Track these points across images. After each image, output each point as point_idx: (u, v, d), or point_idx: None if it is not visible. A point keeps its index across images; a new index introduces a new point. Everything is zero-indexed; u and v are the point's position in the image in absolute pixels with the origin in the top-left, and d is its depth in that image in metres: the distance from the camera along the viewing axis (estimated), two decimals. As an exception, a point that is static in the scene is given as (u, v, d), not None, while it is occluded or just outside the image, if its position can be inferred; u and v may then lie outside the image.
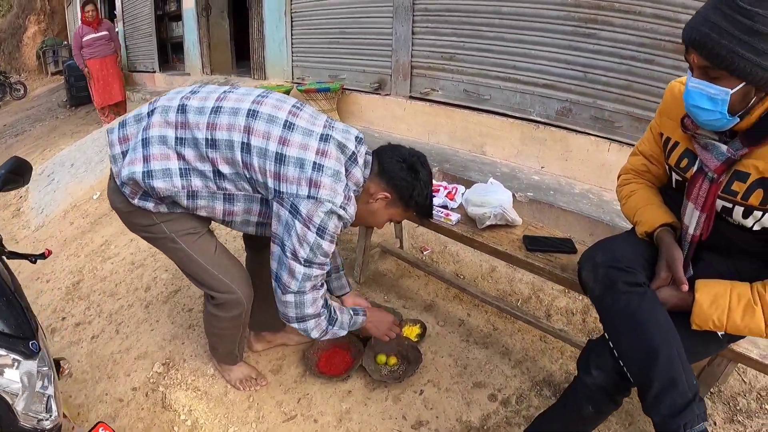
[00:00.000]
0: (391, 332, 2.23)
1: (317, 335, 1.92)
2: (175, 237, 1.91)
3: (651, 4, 3.54)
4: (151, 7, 9.99)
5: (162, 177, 1.72)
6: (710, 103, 1.39)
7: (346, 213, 1.71)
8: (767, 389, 2.37)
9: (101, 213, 4.38)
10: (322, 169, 1.66)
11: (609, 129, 3.92)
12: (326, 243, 1.71)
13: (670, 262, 1.60)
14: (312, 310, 1.84)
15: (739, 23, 1.26)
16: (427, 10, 4.89)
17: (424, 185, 1.85)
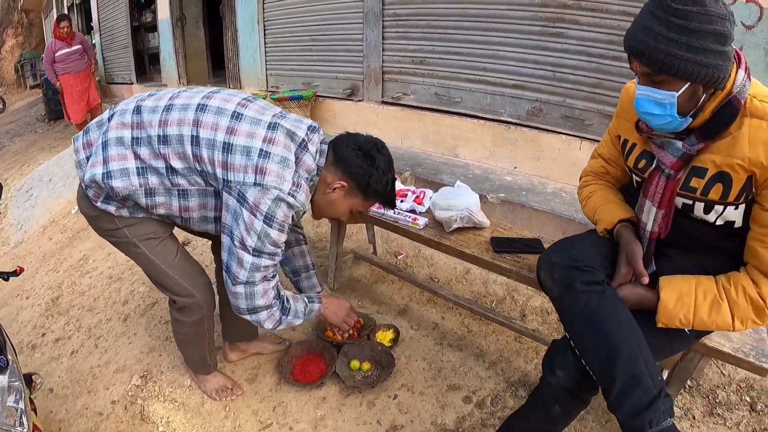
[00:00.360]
0: (349, 318, 2.24)
1: (271, 326, 1.90)
2: (136, 242, 1.93)
3: (617, 1, 3.57)
4: (127, 18, 9.96)
5: (120, 177, 1.73)
6: (659, 108, 1.40)
7: (295, 200, 1.68)
8: (747, 381, 2.39)
9: (79, 227, 4.35)
10: (268, 156, 1.65)
11: (579, 127, 3.95)
12: (274, 231, 1.69)
13: (629, 256, 1.61)
14: (263, 302, 1.82)
15: (674, 25, 1.27)
16: (397, 16, 4.92)
17: (382, 172, 1.82)
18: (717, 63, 1.30)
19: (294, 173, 1.69)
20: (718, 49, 1.29)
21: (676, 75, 1.32)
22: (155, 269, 1.99)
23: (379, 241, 3.28)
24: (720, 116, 1.40)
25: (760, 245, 1.43)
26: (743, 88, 1.38)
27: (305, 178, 1.76)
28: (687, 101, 1.38)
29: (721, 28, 1.27)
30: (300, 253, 2.32)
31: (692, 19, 1.26)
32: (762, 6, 2.98)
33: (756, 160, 1.36)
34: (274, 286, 1.85)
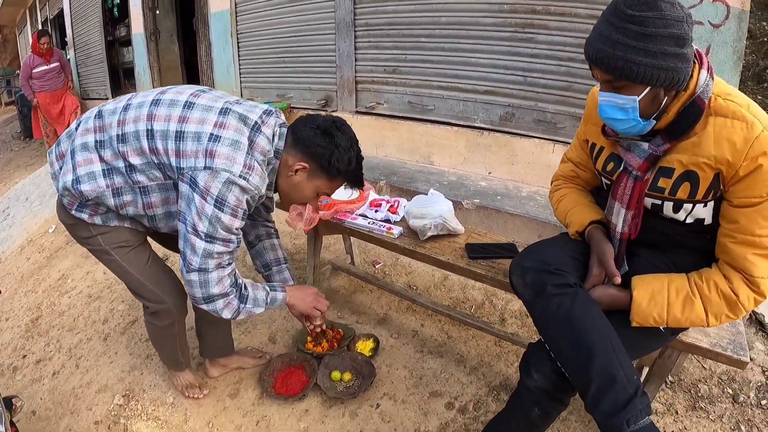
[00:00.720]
0: (318, 304, 2.14)
1: (229, 315, 1.85)
2: (109, 249, 1.95)
3: (585, 5, 3.62)
4: (101, 33, 9.87)
5: (87, 180, 1.75)
6: (622, 112, 1.42)
7: (248, 183, 1.64)
8: (728, 373, 2.42)
9: (57, 246, 4.30)
10: (219, 139, 1.64)
11: (552, 130, 3.99)
12: (226, 216, 1.66)
13: (601, 257, 1.62)
14: (218, 290, 1.77)
15: (631, 31, 1.29)
16: (368, 25, 4.93)
17: (343, 150, 1.78)
18: (676, 66, 1.32)
19: (246, 155, 1.66)
20: (676, 51, 1.30)
21: (635, 80, 1.34)
22: (127, 276, 2.02)
23: (357, 251, 3.28)
24: (684, 116, 1.42)
25: (730, 241, 1.45)
26: (706, 87, 1.40)
27: (260, 161, 1.72)
28: (649, 104, 1.40)
29: (678, 31, 1.29)
30: (271, 247, 2.28)
31: (648, 24, 1.27)
32: (729, 5, 3.04)
33: (722, 157, 1.37)
34: (230, 274, 1.81)
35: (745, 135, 1.34)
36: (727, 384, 2.38)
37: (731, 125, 1.37)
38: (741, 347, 1.73)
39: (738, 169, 1.36)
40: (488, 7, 4.08)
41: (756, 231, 1.39)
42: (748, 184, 1.37)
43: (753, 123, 1.34)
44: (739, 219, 1.42)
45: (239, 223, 1.71)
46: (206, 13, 6.74)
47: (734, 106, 1.38)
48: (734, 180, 1.39)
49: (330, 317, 2.86)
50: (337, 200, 2.62)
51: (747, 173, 1.36)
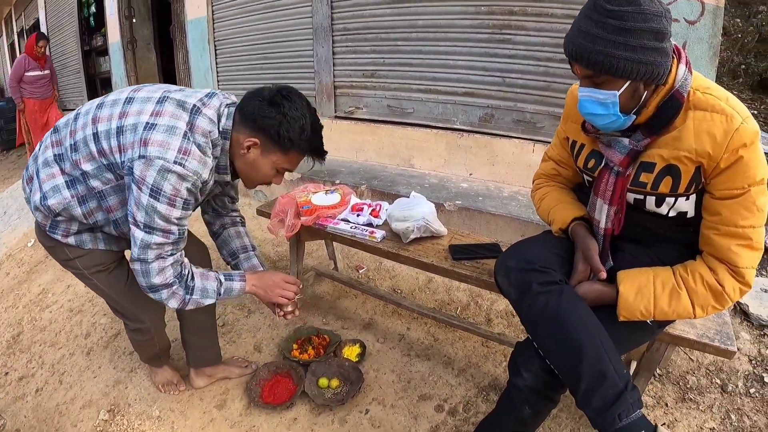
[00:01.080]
0: (286, 292, 2.02)
1: (176, 305, 1.79)
2: (87, 274, 1.96)
3: (562, 5, 3.65)
4: (78, 42, 9.75)
5: (53, 194, 1.75)
6: (602, 107, 1.43)
7: (184, 169, 1.58)
8: (715, 364, 2.45)
9: (37, 260, 4.23)
10: (154, 127, 1.60)
11: (531, 130, 4.00)
12: (162, 206, 1.60)
13: (585, 253, 1.63)
14: (159, 280, 1.71)
15: (610, 26, 1.30)
16: (346, 30, 4.92)
17: (292, 119, 1.67)
18: (655, 60, 1.33)
19: (183, 140, 1.60)
20: (655, 46, 1.32)
21: (615, 75, 1.35)
22: (107, 297, 2.09)
23: (340, 257, 3.27)
24: (664, 111, 1.43)
25: (713, 233, 1.46)
26: (685, 81, 1.41)
27: (201, 143, 1.65)
28: (629, 99, 1.41)
29: (657, 26, 1.30)
30: (236, 234, 2.22)
31: (627, 18, 1.29)
32: (704, 2, 3.09)
33: (702, 150, 1.39)
34: (174, 264, 1.74)
35: (724, 128, 1.36)
36: (715, 374, 2.40)
37: (711, 118, 1.39)
38: (728, 337, 1.75)
39: (719, 161, 1.38)
40: (465, 9, 4.09)
41: (739, 222, 1.41)
42: (729, 176, 1.39)
43: (732, 115, 1.36)
44: (721, 211, 1.43)
45: (178, 212, 1.65)
46: (183, 20, 6.69)
47: (713, 100, 1.40)
48: (715, 172, 1.40)
49: (315, 324, 2.84)
50: (318, 205, 2.61)
51: (728, 165, 1.37)
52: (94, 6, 9.48)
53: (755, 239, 1.43)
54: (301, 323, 2.83)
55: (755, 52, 5.37)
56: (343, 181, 4.24)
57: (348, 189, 2.82)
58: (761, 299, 2.81)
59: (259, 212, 2.90)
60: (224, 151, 1.75)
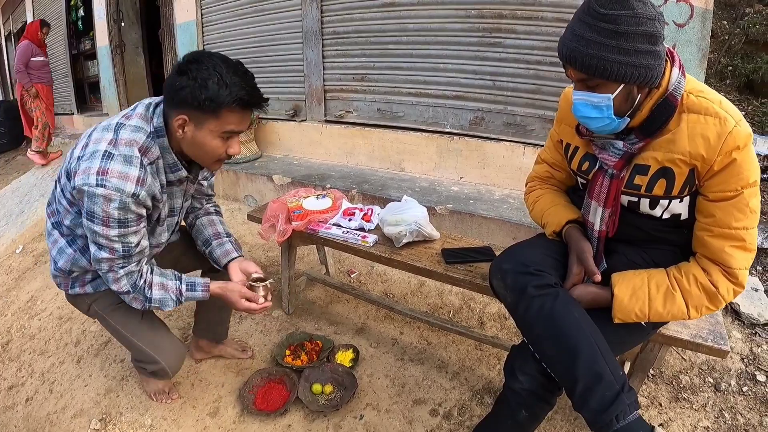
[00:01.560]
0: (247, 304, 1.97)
1: (139, 307, 1.87)
2: (103, 314, 2.01)
3: (551, 8, 3.68)
4: (66, 46, 9.68)
5: (60, 257, 1.89)
6: (596, 111, 1.44)
7: (106, 189, 1.57)
8: (708, 363, 2.47)
9: (25, 267, 4.20)
10: (81, 158, 1.65)
11: (522, 133, 4.02)
12: (98, 227, 1.63)
13: (579, 255, 1.64)
14: (116, 288, 1.79)
15: (604, 30, 1.31)
16: (336, 34, 4.92)
17: (203, 79, 1.56)
18: (649, 63, 1.34)
19: (101, 161, 1.59)
20: (649, 49, 1.33)
21: (609, 78, 1.36)
22: (122, 338, 2.06)
23: (331, 261, 3.26)
24: (658, 114, 1.44)
25: (707, 234, 1.47)
26: (678, 85, 1.42)
27: (127, 154, 1.62)
28: (623, 102, 1.42)
29: (650, 29, 1.31)
30: (209, 222, 2.21)
31: (621, 22, 1.30)
32: (693, 5, 3.12)
33: (696, 153, 1.40)
34: (127, 275, 1.77)
35: (718, 130, 1.37)
36: (707, 373, 2.42)
37: (704, 121, 1.40)
38: (721, 337, 1.77)
39: (713, 163, 1.39)
40: (455, 12, 4.10)
41: (732, 224, 1.43)
42: (723, 179, 1.40)
43: (725, 118, 1.37)
44: (715, 213, 1.45)
45: (115, 231, 1.65)
46: (172, 24, 6.65)
47: (707, 103, 1.41)
48: (709, 175, 1.42)
49: (308, 329, 2.83)
50: (309, 210, 2.60)
51: (721, 168, 1.39)
52: (82, 9, 9.42)
53: (748, 241, 1.44)
54: (294, 329, 2.81)
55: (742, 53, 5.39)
56: (333, 185, 4.23)
57: (339, 193, 2.81)
58: (752, 298, 2.83)
59: (250, 217, 2.89)
60: (165, 148, 1.73)
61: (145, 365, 2.07)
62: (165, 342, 2.08)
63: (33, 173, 6.72)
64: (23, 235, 4.80)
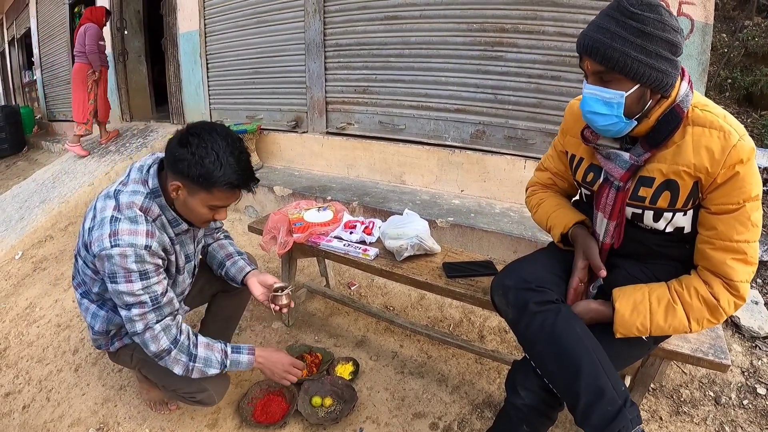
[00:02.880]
0: (289, 376, 2.12)
1: (181, 371, 1.88)
2: (146, 359, 2.00)
3: (553, 23, 3.70)
4: (69, 53, 9.67)
5: (94, 321, 2.01)
6: (606, 107, 1.44)
7: (120, 248, 1.68)
8: (708, 376, 2.47)
9: (24, 274, 4.19)
10: (92, 229, 1.76)
11: (523, 147, 4.03)
12: (122, 285, 1.72)
13: (586, 251, 1.65)
14: (155, 347, 1.82)
15: (631, 27, 1.33)
16: (338, 46, 4.95)
17: (200, 157, 1.65)
18: (667, 69, 1.37)
19: (110, 225, 1.70)
20: (669, 56, 1.36)
21: (627, 74, 1.37)
22: (169, 378, 2.02)
23: (332, 273, 3.27)
24: (664, 123, 1.46)
25: (708, 247, 1.48)
26: (686, 98, 1.44)
27: (131, 216, 1.73)
28: (634, 103, 1.43)
29: (673, 38, 1.35)
30: (219, 246, 2.33)
31: (648, 23, 1.32)
32: (693, 19, 3.14)
33: (701, 165, 1.41)
34: (165, 330, 1.83)
35: (722, 144, 1.38)
36: (708, 387, 2.42)
37: (709, 134, 1.41)
38: (722, 351, 1.77)
39: (716, 176, 1.40)
40: (457, 26, 4.13)
41: (734, 237, 1.43)
42: (725, 191, 1.41)
43: (730, 132, 1.39)
44: (717, 225, 1.45)
45: (139, 284, 1.74)
46: (175, 33, 6.69)
47: (711, 116, 1.43)
48: (712, 187, 1.43)
49: (307, 341, 2.82)
50: (310, 222, 2.61)
51: (724, 181, 1.40)
52: (86, 17, 9.46)
53: (750, 254, 1.45)
54: (293, 341, 2.81)
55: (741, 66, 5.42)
56: (334, 197, 4.24)
57: (340, 206, 2.82)
58: (752, 311, 2.83)
59: (251, 228, 2.89)
60: (164, 206, 1.82)
61: (193, 394, 2.04)
62: None
63: (33, 179, 6.71)
64: (22, 241, 4.79)
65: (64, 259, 4.32)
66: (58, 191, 5.72)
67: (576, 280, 1.65)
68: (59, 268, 4.13)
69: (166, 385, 2.09)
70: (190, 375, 1.89)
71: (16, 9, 12.81)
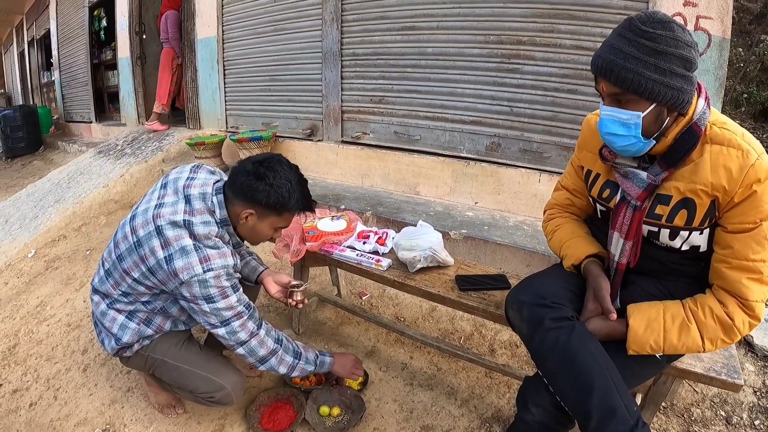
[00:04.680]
0: (356, 371, 2.37)
1: (285, 371, 2.09)
2: (163, 358, 2.14)
3: (570, 36, 3.69)
4: (87, 55, 9.83)
5: (124, 332, 2.06)
6: (624, 128, 1.44)
7: (214, 271, 1.84)
8: (720, 396, 2.44)
9: (36, 272, 4.22)
10: (171, 258, 1.86)
11: (538, 160, 4.01)
12: (221, 303, 1.89)
13: (596, 293, 1.62)
14: (264, 351, 2.01)
15: (643, 46, 1.33)
16: (355, 55, 4.96)
17: (278, 187, 1.92)
18: (682, 86, 1.35)
19: (197, 252, 1.84)
20: (683, 73, 1.35)
21: (642, 95, 1.36)
22: (185, 376, 2.14)
23: (343, 283, 3.27)
24: (682, 142, 1.45)
25: (724, 266, 1.47)
26: (703, 115, 1.44)
27: (210, 245, 1.88)
28: (651, 123, 1.42)
29: (687, 54, 1.33)
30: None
31: (661, 41, 1.32)
32: (711, 34, 3.13)
33: (718, 184, 1.41)
34: (268, 332, 2.04)
35: (740, 162, 1.38)
36: (719, 406, 2.40)
37: (727, 153, 1.41)
38: (734, 370, 1.75)
39: (733, 195, 1.40)
40: (474, 38, 4.13)
41: (750, 256, 1.42)
42: (742, 210, 1.41)
43: (748, 151, 1.38)
44: (733, 244, 1.45)
45: (234, 297, 1.93)
46: (193, 39, 6.74)
47: (730, 135, 1.42)
48: (729, 206, 1.43)
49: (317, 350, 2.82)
50: (324, 231, 2.61)
51: (742, 200, 1.40)
52: (105, 20, 9.58)
53: (765, 273, 1.44)
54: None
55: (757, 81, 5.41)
56: (348, 206, 4.24)
57: (354, 215, 2.82)
58: (766, 330, 2.80)
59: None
60: (232, 234, 2.04)
61: (211, 394, 2.13)
62: (227, 369, 2.19)
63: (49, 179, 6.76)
64: (36, 240, 4.83)
65: (76, 259, 4.35)
66: (73, 191, 5.77)
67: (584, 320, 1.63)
68: (71, 267, 4.15)
69: (183, 386, 2.17)
70: (291, 373, 2.12)
71: (37, 10, 12.98)
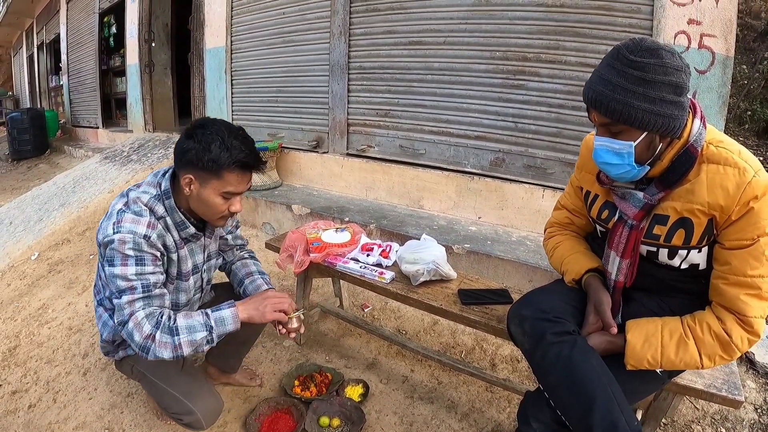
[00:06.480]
0: (279, 305, 1.96)
1: (169, 354, 1.76)
2: (144, 372, 2.10)
3: (575, 53, 3.73)
4: (96, 61, 9.92)
5: (105, 329, 2.07)
6: (617, 157, 1.45)
7: (121, 233, 1.75)
8: (721, 413, 2.44)
9: (39, 274, 4.23)
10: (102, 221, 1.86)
11: (542, 176, 4.03)
12: (117, 268, 1.76)
13: (597, 307, 1.63)
14: (139, 336, 1.75)
15: (631, 76, 1.34)
16: (362, 69, 5.00)
17: (206, 143, 1.75)
18: (673, 113, 1.36)
19: (116, 216, 1.79)
20: (673, 99, 1.35)
21: (633, 125, 1.38)
22: (159, 392, 2.10)
23: (346, 294, 3.27)
24: (678, 164, 1.46)
25: (722, 282, 1.47)
26: (699, 136, 1.44)
27: (136, 209, 1.82)
28: (644, 150, 1.44)
29: (677, 80, 1.34)
30: (243, 265, 2.35)
31: (649, 70, 1.32)
32: (714, 52, 3.16)
33: (715, 203, 1.41)
34: (149, 317, 1.77)
35: (737, 180, 1.39)
36: (720, 423, 2.39)
37: (724, 171, 1.42)
38: (735, 387, 1.75)
39: (731, 213, 1.41)
40: (480, 54, 4.17)
41: (748, 272, 1.43)
42: (740, 227, 1.41)
43: (745, 169, 1.39)
44: (731, 261, 1.45)
45: (133, 269, 1.77)
46: (202, 48, 6.79)
47: (726, 153, 1.43)
48: (726, 224, 1.43)
49: (318, 361, 2.82)
50: (328, 243, 2.62)
51: (739, 217, 1.40)
52: (114, 27, 9.68)
53: (764, 289, 1.44)
54: (304, 359, 2.81)
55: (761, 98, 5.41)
56: (352, 218, 4.26)
57: (358, 228, 2.83)
58: (767, 347, 2.79)
59: (268, 246, 2.91)
60: (172, 208, 1.89)
61: (181, 416, 2.05)
62: (202, 393, 2.08)
63: (54, 183, 6.79)
64: (40, 242, 4.84)
65: (79, 263, 4.36)
66: (78, 196, 5.78)
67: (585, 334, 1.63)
68: (74, 271, 4.17)
69: (159, 402, 2.18)
70: (180, 352, 1.77)
71: (47, 15, 13.09)
